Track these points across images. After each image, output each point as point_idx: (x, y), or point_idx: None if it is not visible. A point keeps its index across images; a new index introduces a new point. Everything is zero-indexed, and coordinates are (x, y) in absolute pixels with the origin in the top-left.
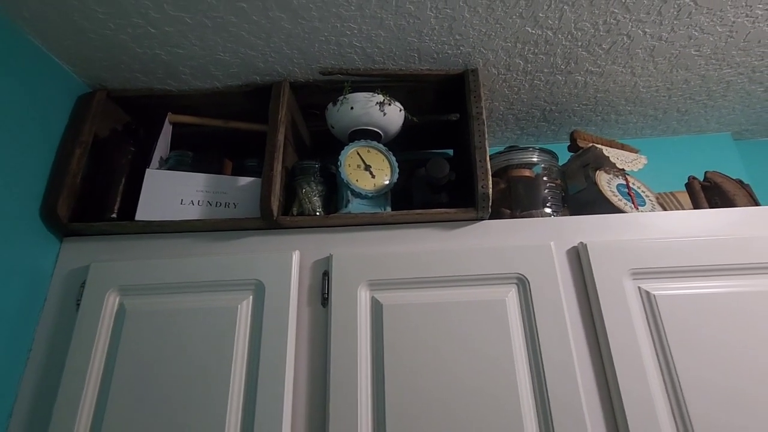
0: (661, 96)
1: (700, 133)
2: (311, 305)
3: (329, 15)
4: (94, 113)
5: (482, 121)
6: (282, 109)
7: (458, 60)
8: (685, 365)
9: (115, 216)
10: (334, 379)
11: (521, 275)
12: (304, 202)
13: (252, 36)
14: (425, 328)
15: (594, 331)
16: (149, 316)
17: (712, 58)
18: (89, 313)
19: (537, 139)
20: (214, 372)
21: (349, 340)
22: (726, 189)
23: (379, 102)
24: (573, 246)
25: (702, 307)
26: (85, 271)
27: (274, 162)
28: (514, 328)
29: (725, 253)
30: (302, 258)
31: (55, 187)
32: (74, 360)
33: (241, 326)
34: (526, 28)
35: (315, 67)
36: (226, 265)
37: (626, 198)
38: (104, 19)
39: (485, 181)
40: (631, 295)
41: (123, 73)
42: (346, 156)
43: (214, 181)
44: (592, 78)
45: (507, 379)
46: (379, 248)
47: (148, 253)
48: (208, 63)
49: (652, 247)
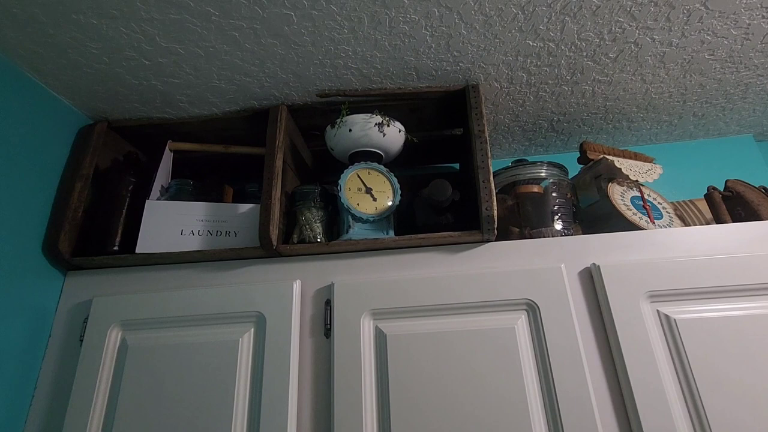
0: (675, 101)
1: (720, 136)
2: (314, 336)
3: (322, 39)
4: (95, 145)
5: (485, 139)
6: (279, 134)
7: (458, 76)
8: (711, 396)
9: (116, 249)
10: (338, 413)
11: (531, 301)
12: (304, 228)
13: (246, 63)
14: (431, 359)
15: (611, 360)
16: (151, 351)
17: (728, 62)
18: (92, 349)
19: (546, 150)
20: (216, 407)
21: (353, 373)
22: (749, 198)
23: (378, 123)
24: (585, 267)
25: (727, 331)
26: (87, 305)
27: (273, 189)
28: (525, 358)
29: (750, 272)
30: (304, 287)
31: (57, 223)
32: (78, 396)
33: (242, 360)
34: (527, 42)
35: (312, 90)
36: (226, 297)
37: (641, 211)
38: (98, 53)
39: (489, 203)
40: (650, 319)
41: (122, 104)
42: (346, 179)
43: (214, 210)
44: (600, 87)
45: (519, 413)
46: (382, 275)
47: (149, 286)
48: (205, 91)
49: (670, 267)
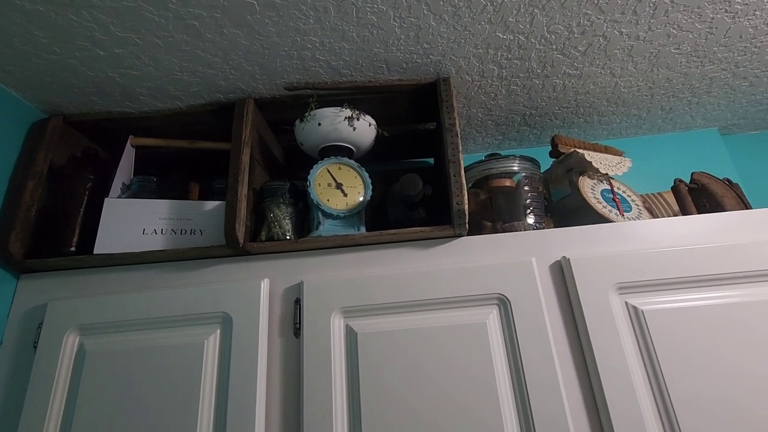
0: (644, 95)
1: (687, 129)
2: (283, 335)
3: (287, 29)
4: (49, 141)
5: (455, 132)
6: (246, 128)
7: (429, 69)
8: (677, 383)
9: (73, 249)
10: (307, 414)
11: (502, 295)
12: (273, 225)
13: (208, 54)
14: (402, 357)
15: (580, 351)
16: (110, 356)
17: (693, 56)
18: (47, 356)
19: (520, 144)
20: (180, 413)
21: (323, 372)
22: (714, 191)
23: (347, 117)
24: (556, 261)
25: (693, 321)
26: (42, 310)
27: (239, 186)
28: (497, 352)
29: (715, 262)
30: (272, 286)
31: (7, 223)
32: (32, 405)
33: (208, 363)
34: (496, 34)
35: (280, 83)
36: (190, 298)
37: (611, 204)
38: (47, 43)
39: (460, 197)
40: (618, 311)
41: (78, 97)
42: (315, 174)
43: (177, 207)
44: (570, 81)
45: (490, 407)
46: (352, 272)
47: (109, 288)
48: (167, 83)
49: (638, 259)
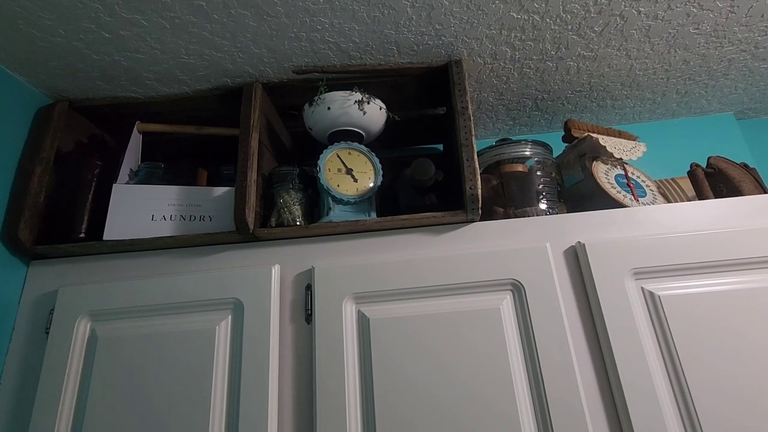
0: (659, 78)
1: (702, 114)
2: (295, 322)
3: (296, 9)
4: (55, 126)
5: (468, 116)
6: (254, 113)
7: (441, 51)
8: (694, 368)
9: (83, 236)
10: (320, 400)
11: (516, 281)
12: (282, 211)
13: (216, 36)
14: (415, 342)
15: (596, 336)
16: (122, 341)
17: (712, 36)
18: (59, 341)
19: (530, 129)
20: (192, 398)
21: (336, 359)
22: (731, 175)
23: (357, 100)
24: (570, 246)
25: (711, 306)
26: (53, 296)
27: (248, 171)
28: (511, 339)
29: (733, 247)
30: (283, 272)
31: (16, 209)
32: (45, 391)
33: (219, 349)
34: (510, 14)
35: (288, 66)
36: (201, 284)
37: (625, 189)
38: (52, 25)
39: (473, 182)
40: (634, 296)
41: (83, 82)
42: (325, 160)
43: (186, 193)
44: (585, 63)
45: (505, 395)
46: (363, 258)
47: (118, 274)
48: (173, 67)
49: (654, 244)
